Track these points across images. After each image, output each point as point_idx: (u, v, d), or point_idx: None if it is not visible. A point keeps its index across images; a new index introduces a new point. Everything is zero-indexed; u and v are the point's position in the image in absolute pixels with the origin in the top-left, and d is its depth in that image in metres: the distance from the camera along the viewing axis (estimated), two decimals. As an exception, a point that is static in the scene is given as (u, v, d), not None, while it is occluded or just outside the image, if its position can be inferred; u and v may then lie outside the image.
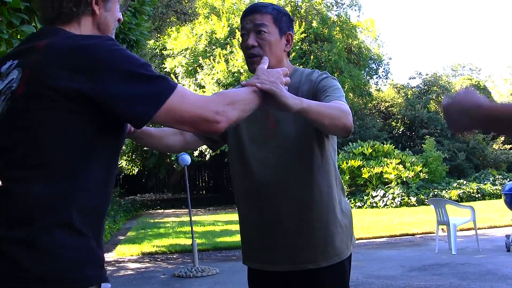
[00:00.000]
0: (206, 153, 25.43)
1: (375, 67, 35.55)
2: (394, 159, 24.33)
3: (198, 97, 1.87)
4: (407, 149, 28.26)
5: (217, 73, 24.65)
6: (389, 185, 23.18)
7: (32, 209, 1.66)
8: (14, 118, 1.73)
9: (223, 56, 25.01)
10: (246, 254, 2.89)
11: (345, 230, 2.79)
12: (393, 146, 26.23)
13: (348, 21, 32.28)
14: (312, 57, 27.03)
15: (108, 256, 11.76)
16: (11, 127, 1.73)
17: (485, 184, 25.08)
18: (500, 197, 17.03)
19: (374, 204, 22.63)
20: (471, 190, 23.72)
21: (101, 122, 1.76)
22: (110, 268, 10.37)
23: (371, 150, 24.93)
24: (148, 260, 11.50)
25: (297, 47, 26.18)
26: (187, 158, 9.78)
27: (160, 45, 28.54)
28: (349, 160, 23.76)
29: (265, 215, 2.71)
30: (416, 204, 21.97)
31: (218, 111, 1.85)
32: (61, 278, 1.65)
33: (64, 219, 1.69)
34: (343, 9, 33.36)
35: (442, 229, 11.71)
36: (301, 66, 23.92)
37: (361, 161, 23.79)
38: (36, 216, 1.65)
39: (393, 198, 22.42)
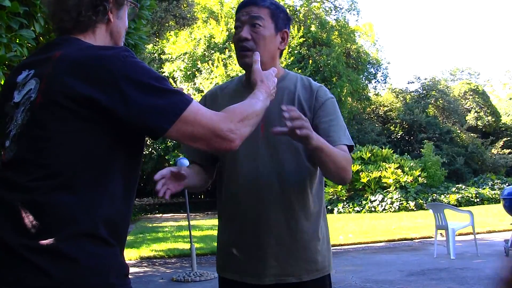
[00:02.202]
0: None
1: (373, 72, 35.66)
2: (393, 163, 24.32)
3: (212, 114, 1.85)
4: (406, 154, 28.27)
5: (216, 77, 24.66)
6: (388, 189, 23.18)
7: (55, 218, 1.66)
8: (33, 128, 1.73)
9: (222, 61, 25.03)
10: (225, 263, 2.76)
11: (327, 246, 2.71)
12: (392, 151, 26.23)
13: (346, 26, 32.38)
14: (310, 61, 27.04)
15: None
16: (31, 138, 1.73)
17: (484, 188, 25.13)
18: (499, 202, 17.00)
19: (373, 209, 22.63)
20: (470, 195, 23.74)
21: (117, 133, 1.76)
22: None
23: (370, 154, 24.92)
24: (146, 265, 11.48)
25: (296, 52, 26.16)
26: (185, 162, 9.75)
27: (159, 50, 28.57)
28: (348, 165, 23.70)
29: (250, 222, 2.59)
30: (415, 209, 21.97)
31: (231, 129, 1.84)
32: (86, 285, 1.66)
33: (88, 228, 1.69)
34: (342, 13, 33.49)
35: (441, 233, 11.71)
36: (299, 71, 24.06)
37: (360, 166, 23.77)
38: (59, 225, 1.66)
39: (392, 203, 22.42)
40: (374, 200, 22.91)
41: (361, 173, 23.43)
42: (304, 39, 27.83)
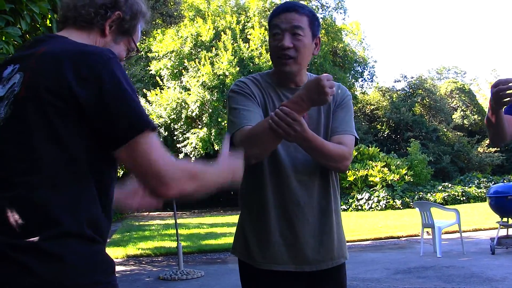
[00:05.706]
0: (191, 155, 25.39)
1: (360, 70, 35.74)
2: (379, 162, 24.42)
3: (165, 154, 1.77)
4: (392, 152, 28.40)
5: (202, 75, 24.65)
6: (374, 188, 23.27)
7: (39, 217, 1.64)
8: (15, 122, 1.71)
9: (209, 59, 25.00)
10: (265, 255, 2.67)
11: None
12: (378, 149, 26.35)
13: (333, 24, 32.41)
14: (297, 60, 26.98)
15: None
16: (13, 132, 1.71)
17: (470, 187, 25.26)
18: (485, 200, 17.15)
19: (359, 207, 22.71)
20: (456, 193, 23.86)
21: (93, 130, 1.72)
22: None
23: (356, 153, 25.00)
24: (133, 263, 11.46)
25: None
26: (172, 161, 9.75)
27: (146, 48, 28.47)
28: (335, 163, 23.74)
29: (297, 216, 2.65)
30: (401, 207, 22.07)
31: (174, 178, 1.76)
32: (73, 283, 1.64)
33: (72, 227, 1.67)
34: (329, 12, 33.52)
35: (427, 232, 11.75)
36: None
37: (347, 164, 23.80)
38: (44, 224, 1.64)
39: (378, 201, 22.50)
40: (361, 199, 22.99)
41: (347, 171, 23.48)
42: (291, 37, 27.81)
